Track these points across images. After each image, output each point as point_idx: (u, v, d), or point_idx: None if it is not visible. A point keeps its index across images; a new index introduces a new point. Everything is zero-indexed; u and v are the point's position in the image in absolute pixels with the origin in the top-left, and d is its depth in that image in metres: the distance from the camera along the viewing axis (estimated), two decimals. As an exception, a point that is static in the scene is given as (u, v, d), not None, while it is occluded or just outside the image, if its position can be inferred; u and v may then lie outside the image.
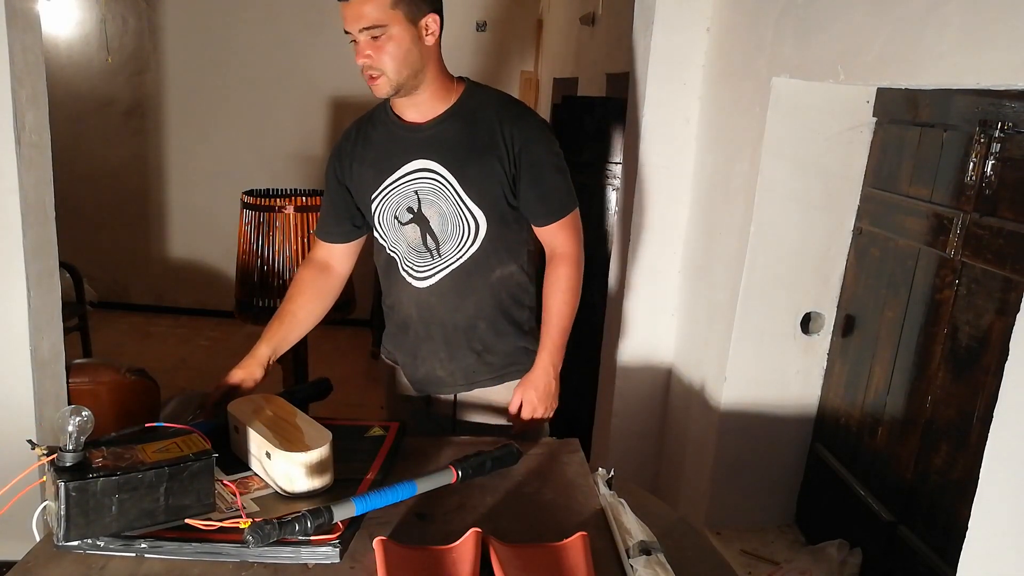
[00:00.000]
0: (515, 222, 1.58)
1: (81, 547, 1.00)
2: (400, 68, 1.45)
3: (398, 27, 1.41)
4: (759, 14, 1.67)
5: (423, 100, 1.53)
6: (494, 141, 1.51)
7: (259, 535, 0.97)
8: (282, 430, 1.19)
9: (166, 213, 5.40)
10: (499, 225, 1.55)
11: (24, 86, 1.93)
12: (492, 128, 1.52)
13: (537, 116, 1.60)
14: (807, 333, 1.72)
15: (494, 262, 1.58)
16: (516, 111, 1.56)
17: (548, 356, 1.59)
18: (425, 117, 1.54)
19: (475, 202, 1.52)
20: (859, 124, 1.59)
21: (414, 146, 1.55)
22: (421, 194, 1.54)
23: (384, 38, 1.42)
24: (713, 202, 1.92)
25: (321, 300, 1.68)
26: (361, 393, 4.29)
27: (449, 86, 1.56)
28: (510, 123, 1.52)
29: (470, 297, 1.59)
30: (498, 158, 1.51)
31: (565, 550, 1.05)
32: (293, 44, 5.14)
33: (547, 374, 1.60)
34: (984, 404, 1.20)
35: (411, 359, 1.66)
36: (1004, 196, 1.19)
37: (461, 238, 1.55)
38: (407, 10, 1.42)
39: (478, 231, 1.54)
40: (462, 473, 1.20)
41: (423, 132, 1.54)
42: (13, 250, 1.97)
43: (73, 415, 1.00)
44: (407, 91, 1.50)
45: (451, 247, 1.56)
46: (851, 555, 1.53)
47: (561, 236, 1.59)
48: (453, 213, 1.53)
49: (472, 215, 1.53)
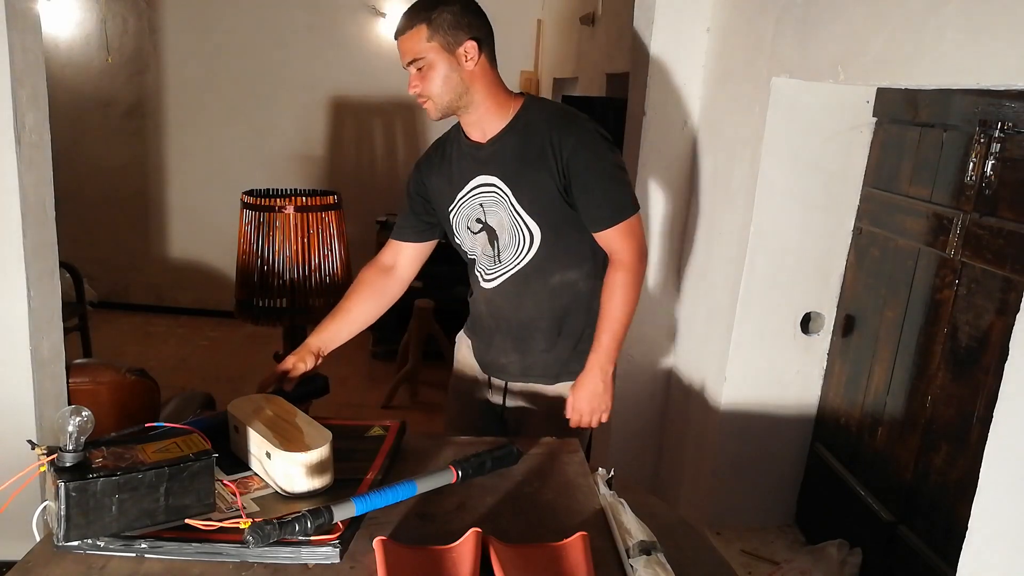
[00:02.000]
0: (576, 231, 1.64)
1: (81, 547, 1.00)
2: (442, 93, 1.57)
3: (436, 57, 1.55)
4: (759, 14, 1.67)
5: (480, 119, 1.64)
6: (544, 153, 1.59)
7: (259, 535, 0.97)
8: (282, 430, 1.19)
9: (166, 213, 5.40)
10: (554, 234, 1.63)
11: (24, 86, 1.93)
12: (543, 140, 1.59)
13: (588, 124, 1.62)
14: (807, 333, 1.72)
15: (552, 268, 1.67)
16: (565, 121, 1.61)
17: (596, 359, 1.63)
18: (486, 136, 1.65)
19: (528, 213, 1.62)
20: (859, 124, 1.59)
21: (478, 163, 1.67)
22: (485, 206, 1.66)
23: (426, 68, 1.56)
24: (713, 202, 1.92)
25: (377, 300, 1.79)
26: (361, 393, 4.29)
27: (506, 104, 1.64)
28: (558, 134, 1.58)
29: (529, 299, 1.69)
30: (547, 169, 1.59)
31: (565, 550, 1.05)
32: (293, 44, 5.14)
33: (595, 376, 1.64)
34: (984, 404, 1.20)
35: (482, 344, 1.81)
36: (1004, 196, 1.20)
37: (518, 246, 1.66)
38: (443, 42, 1.54)
39: (532, 240, 1.64)
40: (462, 473, 1.20)
41: (485, 150, 1.65)
42: (13, 250, 1.97)
43: (73, 415, 1.00)
44: (457, 112, 1.62)
45: (510, 254, 1.67)
46: (851, 555, 1.53)
47: (616, 242, 1.62)
48: (510, 223, 1.64)
49: (526, 225, 1.63)
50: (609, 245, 1.63)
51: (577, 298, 1.70)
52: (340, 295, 1.77)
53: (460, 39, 1.55)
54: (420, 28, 1.54)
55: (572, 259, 1.67)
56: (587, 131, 1.60)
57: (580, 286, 1.69)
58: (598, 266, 1.69)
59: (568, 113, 1.65)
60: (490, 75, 1.62)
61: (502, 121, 1.64)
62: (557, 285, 1.68)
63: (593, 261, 1.69)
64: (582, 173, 1.58)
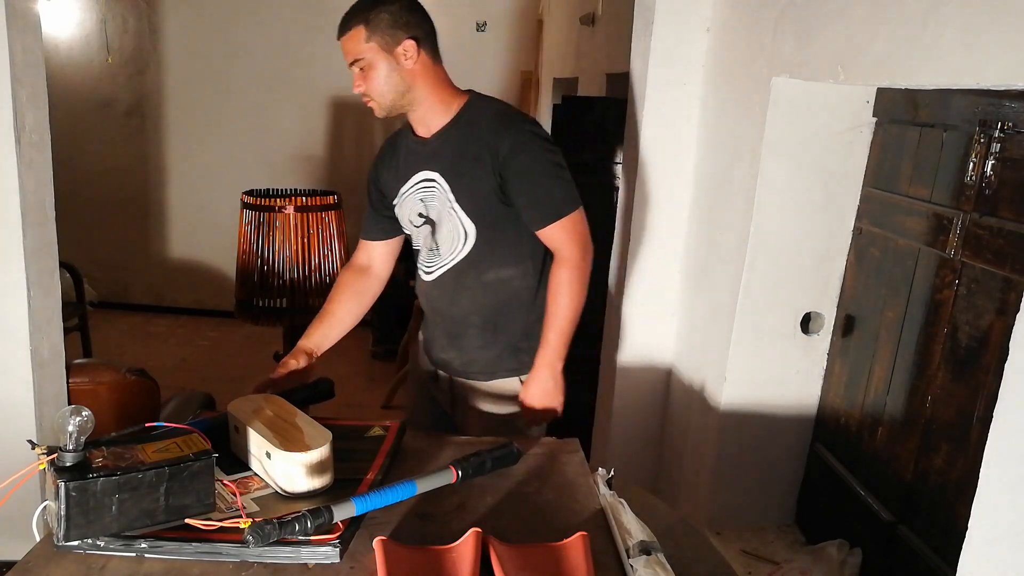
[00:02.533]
0: (513, 229, 1.66)
1: (81, 547, 1.00)
2: (384, 92, 1.61)
3: (376, 57, 1.58)
4: (759, 14, 1.67)
5: (424, 115, 1.67)
6: (482, 152, 1.61)
7: (259, 535, 0.97)
8: (282, 430, 1.19)
9: (166, 213, 5.40)
10: (490, 231, 1.66)
11: (24, 86, 1.93)
12: (482, 139, 1.61)
13: (526, 125, 1.64)
14: (807, 333, 1.72)
15: (487, 265, 1.69)
16: (503, 121, 1.63)
17: (544, 357, 1.66)
18: (430, 131, 1.68)
19: (464, 209, 1.64)
20: (859, 124, 1.59)
21: (421, 158, 1.70)
22: (426, 201, 1.70)
23: (367, 68, 1.60)
24: (713, 202, 1.92)
25: (359, 300, 1.85)
26: (361, 393, 4.29)
27: (449, 100, 1.67)
28: (496, 134, 1.60)
29: (464, 294, 1.72)
30: (484, 168, 1.61)
31: (565, 550, 1.05)
32: (293, 44, 5.14)
33: (544, 375, 1.67)
34: (984, 404, 1.20)
35: (428, 338, 1.87)
36: (1004, 196, 1.20)
37: (455, 241, 1.68)
38: (382, 42, 1.58)
39: (467, 236, 1.66)
40: (462, 473, 1.20)
41: (428, 146, 1.68)
42: (13, 250, 1.97)
43: (73, 415, 1.00)
44: (401, 110, 1.65)
45: (447, 249, 1.70)
46: (851, 555, 1.53)
47: (557, 239, 1.64)
48: (448, 219, 1.67)
49: (462, 221, 1.65)
50: (551, 243, 1.65)
51: (514, 296, 1.72)
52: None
53: (398, 38, 1.57)
54: (358, 29, 1.57)
55: (508, 257, 1.69)
56: (524, 132, 1.61)
57: (516, 284, 1.71)
58: (537, 265, 1.72)
59: (508, 113, 1.67)
60: (432, 72, 1.64)
61: (445, 117, 1.66)
62: (492, 282, 1.70)
63: (532, 260, 1.71)
64: (519, 173, 1.60)
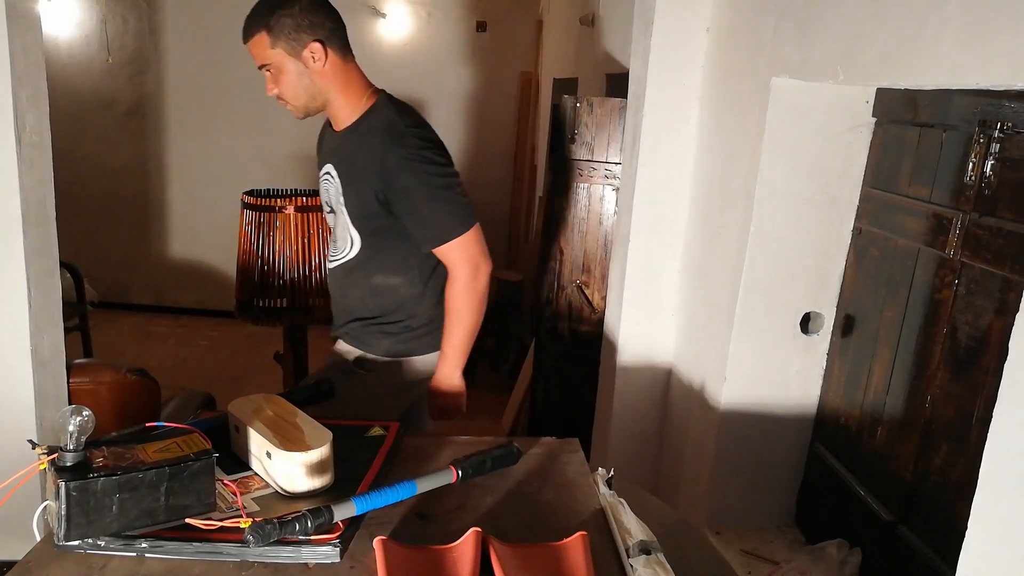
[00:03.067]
0: (398, 240, 1.67)
1: (81, 547, 1.00)
2: (296, 95, 1.61)
3: (283, 62, 1.57)
4: (759, 14, 1.67)
5: (336, 112, 1.68)
6: (369, 164, 1.60)
7: (259, 535, 0.97)
8: (282, 430, 1.19)
9: (166, 213, 5.40)
10: (375, 240, 1.68)
11: (24, 86, 1.93)
12: (372, 151, 1.60)
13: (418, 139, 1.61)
14: (807, 333, 1.72)
15: (373, 271, 1.72)
16: (394, 136, 1.60)
17: (444, 367, 1.74)
18: (339, 126, 1.69)
19: (350, 216, 1.67)
20: (859, 124, 1.59)
21: (331, 150, 1.72)
22: (328, 195, 1.74)
23: (276, 73, 1.58)
24: (713, 202, 1.92)
25: None
26: (361, 393, 4.28)
27: (358, 99, 1.65)
28: (385, 148, 1.58)
29: (353, 291, 1.77)
30: (370, 182, 1.60)
31: (565, 550, 1.05)
32: (293, 44, 5.13)
33: (445, 382, 1.75)
34: (984, 404, 1.20)
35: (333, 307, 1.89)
36: (1004, 196, 1.20)
37: (344, 242, 1.72)
38: (287, 47, 1.56)
39: (354, 242, 1.70)
40: (462, 473, 1.20)
41: (335, 140, 1.70)
42: (13, 250, 1.97)
43: (73, 415, 1.00)
44: (317, 110, 1.66)
45: (341, 245, 1.74)
46: (851, 555, 1.53)
47: (447, 259, 1.66)
48: (340, 218, 1.71)
49: (349, 225, 1.69)
50: (442, 259, 1.67)
51: (400, 302, 1.74)
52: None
53: (303, 42, 1.55)
54: (261, 36, 1.55)
55: (394, 266, 1.71)
56: (411, 150, 1.58)
57: (402, 292, 1.73)
58: (426, 273, 1.73)
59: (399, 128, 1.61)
60: (342, 71, 1.62)
61: (351, 117, 1.65)
62: (379, 286, 1.73)
63: (419, 269, 1.72)
64: (403, 194, 1.59)
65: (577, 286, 2.53)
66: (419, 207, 1.61)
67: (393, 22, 5.19)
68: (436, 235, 1.62)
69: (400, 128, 1.61)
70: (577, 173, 2.46)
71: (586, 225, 2.50)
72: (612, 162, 2.45)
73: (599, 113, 2.41)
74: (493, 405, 4.23)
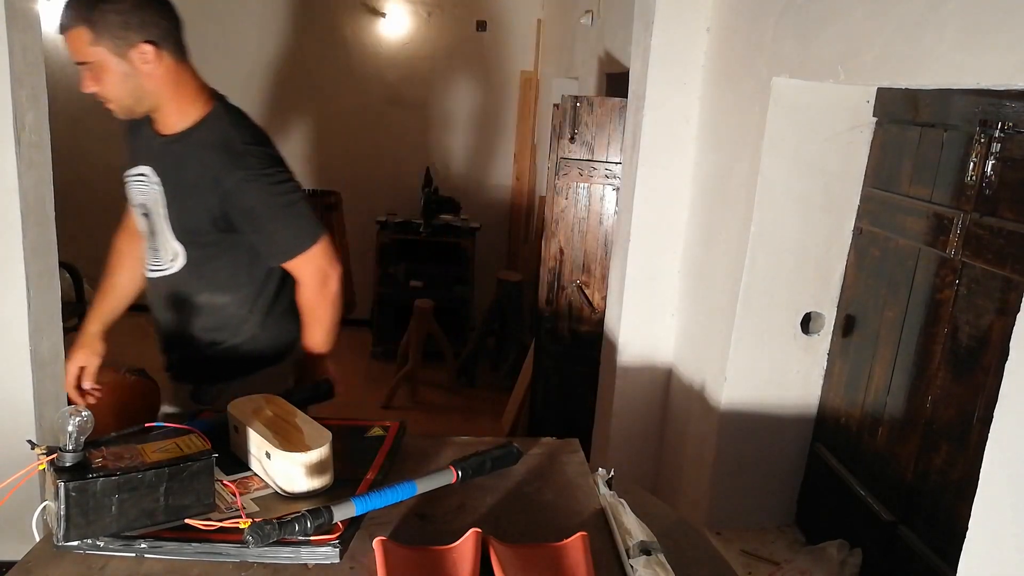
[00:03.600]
0: (230, 256, 1.59)
1: (81, 547, 1.00)
2: (120, 97, 1.47)
3: (106, 60, 1.41)
4: (759, 14, 1.67)
5: (163, 117, 1.54)
6: (203, 180, 1.49)
7: (259, 535, 0.97)
8: (282, 430, 1.19)
9: (166, 213, 5.39)
10: (203, 257, 1.58)
11: (24, 86, 1.93)
12: (206, 166, 1.48)
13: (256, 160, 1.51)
14: (807, 333, 1.72)
15: (199, 289, 1.62)
16: (233, 153, 1.49)
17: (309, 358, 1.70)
18: (164, 130, 1.54)
19: (174, 231, 1.56)
20: (859, 124, 1.59)
21: (150, 153, 1.57)
22: (146, 198, 1.59)
23: (98, 71, 1.43)
24: (713, 202, 1.92)
25: (138, 266, 1.75)
26: (361, 393, 4.29)
27: (191, 106, 1.51)
28: (223, 165, 1.48)
29: (174, 310, 1.64)
30: (204, 199, 1.50)
31: (565, 550, 1.05)
32: (293, 44, 5.13)
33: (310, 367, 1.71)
34: (984, 404, 1.20)
35: None
36: (1004, 196, 1.19)
37: (166, 254, 1.60)
38: (111, 46, 1.40)
39: (177, 257, 1.58)
40: (462, 473, 1.20)
41: (157, 142, 1.55)
42: (13, 250, 1.97)
43: (73, 415, 1.00)
44: (143, 114, 1.53)
45: (162, 257, 1.62)
46: (851, 555, 1.53)
47: (295, 273, 1.62)
48: (160, 232, 1.59)
49: (171, 243, 1.57)
50: (292, 273, 1.62)
51: (228, 323, 1.65)
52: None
53: (131, 41, 1.39)
54: (80, 31, 1.38)
55: (224, 284, 1.62)
56: (252, 168, 1.50)
57: (231, 311, 1.64)
58: (255, 290, 1.65)
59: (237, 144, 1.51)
60: (175, 74, 1.47)
61: (182, 123, 1.51)
62: (204, 305, 1.63)
63: (250, 287, 1.64)
64: (246, 214, 1.52)
65: (577, 286, 2.53)
66: (264, 225, 1.55)
67: (393, 22, 5.19)
68: (284, 250, 1.58)
69: (238, 147, 1.50)
70: (577, 173, 2.46)
71: (586, 225, 2.50)
72: (612, 162, 2.45)
73: (599, 113, 2.41)
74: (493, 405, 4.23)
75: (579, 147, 2.44)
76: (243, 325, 1.67)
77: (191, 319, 1.65)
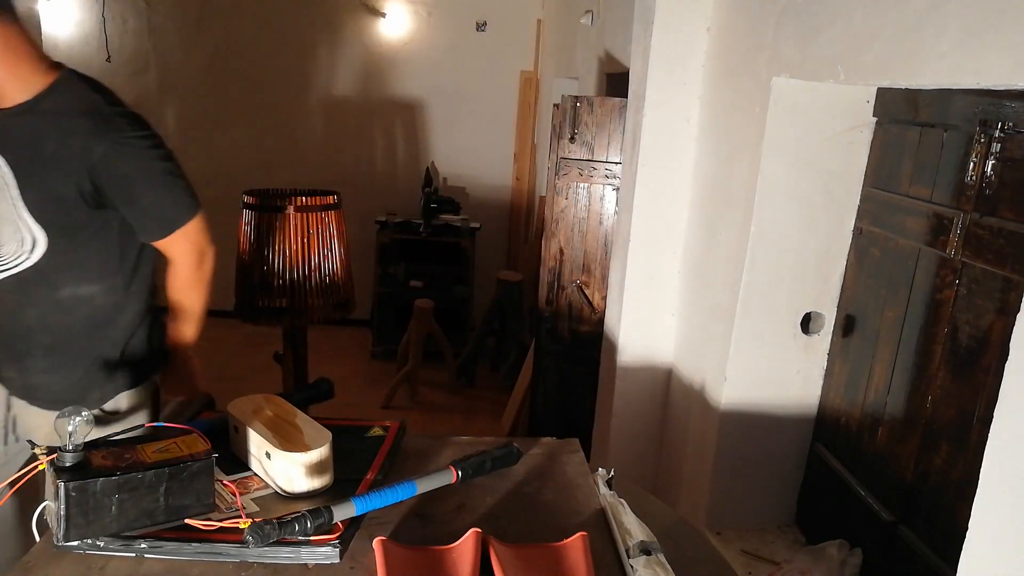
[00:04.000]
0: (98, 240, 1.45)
1: (81, 547, 1.00)
2: None
3: None
4: (759, 14, 1.67)
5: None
6: (65, 154, 1.36)
7: (259, 535, 0.97)
8: (282, 430, 1.19)
9: (166, 213, 5.39)
10: (67, 242, 1.42)
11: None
12: (66, 138, 1.36)
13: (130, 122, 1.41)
14: (807, 333, 1.72)
15: (62, 280, 1.45)
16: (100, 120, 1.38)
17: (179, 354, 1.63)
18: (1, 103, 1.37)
19: (32, 213, 1.39)
20: (859, 124, 1.59)
21: None
22: None
23: None
24: (713, 202, 1.92)
25: None
26: (361, 393, 4.29)
27: (31, 76, 1.37)
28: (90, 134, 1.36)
29: (31, 310, 1.46)
30: (67, 172, 1.36)
31: (565, 550, 1.05)
32: (293, 44, 5.13)
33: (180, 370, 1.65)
34: (984, 404, 1.20)
35: None
36: (1004, 196, 1.19)
37: (19, 245, 1.42)
38: None
39: (36, 244, 1.41)
40: (462, 473, 1.20)
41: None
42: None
43: (73, 415, 1.00)
44: None
45: (10, 252, 1.43)
46: (851, 555, 1.53)
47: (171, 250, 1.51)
48: (11, 218, 1.40)
49: (29, 226, 1.40)
50: (166, 251, 1.51)
51: (94, 314, 1.49)
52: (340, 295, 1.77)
53: None
54: None
55: (91, 272, 1.47)
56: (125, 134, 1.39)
57: (99, 301, 1.49)
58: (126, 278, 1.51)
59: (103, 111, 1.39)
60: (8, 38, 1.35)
61: (22, 94, 1.36)
62: (67, 299, 1.46)
63: (120, 274, 1.50)
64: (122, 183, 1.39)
65: (577, 286, 2.53)
66: (141, 196, 1.42)
67: (393, 22, 5.19)
68: (161, 225, 1.46)
69: (104, 110, 1.38)
70: (577, 173, 2.46)
71: (586, 225, 2.50)
72: (612, 162, 2.45)
73: (599, 113, 2.41)
74: (493, 405, 4.24)
75: (579, 147, 2.44)
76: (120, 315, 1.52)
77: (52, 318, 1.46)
